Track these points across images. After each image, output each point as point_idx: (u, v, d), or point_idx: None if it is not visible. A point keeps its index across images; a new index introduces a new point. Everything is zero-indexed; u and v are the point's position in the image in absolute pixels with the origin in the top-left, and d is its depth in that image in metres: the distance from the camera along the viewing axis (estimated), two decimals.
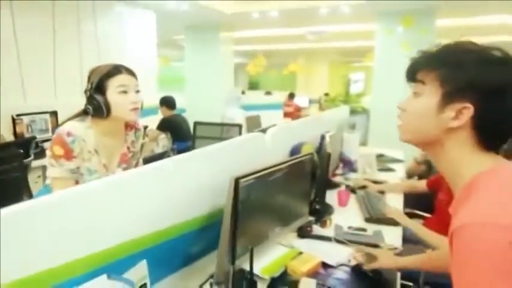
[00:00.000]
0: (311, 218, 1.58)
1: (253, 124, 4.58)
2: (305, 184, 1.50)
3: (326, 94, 10.97)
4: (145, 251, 0.87)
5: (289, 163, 1.31)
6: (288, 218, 1.41)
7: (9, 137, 3.02)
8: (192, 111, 6.42)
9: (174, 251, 1.01)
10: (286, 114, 7.19)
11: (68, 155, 1.23)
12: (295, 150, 1.90)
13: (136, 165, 1.52)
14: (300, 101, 8.45)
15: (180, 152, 3.99)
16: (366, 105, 5.40)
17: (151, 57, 5.15)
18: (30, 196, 2.12)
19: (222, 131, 3.10)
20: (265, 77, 11.55)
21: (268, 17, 5.41)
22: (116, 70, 1.31)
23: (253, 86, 12.47)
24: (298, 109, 7.97)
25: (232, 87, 6.81)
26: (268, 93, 7.70)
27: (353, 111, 5.49)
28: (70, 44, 3.83)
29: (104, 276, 0.72)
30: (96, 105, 1.26)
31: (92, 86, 1.30)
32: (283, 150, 1.85)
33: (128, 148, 1.45)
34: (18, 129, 3.08)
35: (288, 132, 2.00)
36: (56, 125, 3.53)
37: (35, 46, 3.47)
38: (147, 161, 1.41)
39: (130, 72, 1.35)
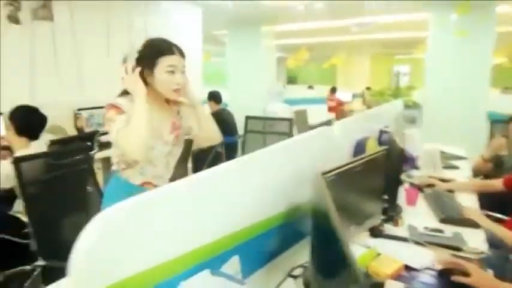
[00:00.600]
0: (382, 217, 1.51)
1: (301, 119, 4.50)
2: (378, 181, 1.42)
3: (368, 88, 10.63)
4: (237, 247, 0.86)
5: (366, 159, 1.25)
6: (363, 216, 1.35)
7: (70, 130, 3.18)
8: (234, 106, 6.46)
9: (261, 246, 0.99)
10: (329, 109, 7.03)
11: (118, 111, 1.28)
12: (359, 145, 1.83)
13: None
14: (342, 95, 8.22)
15: (227, 146, 4.06)
16: (417, 99, 5.13)
17: (196, 52, 5.22)
18: (98, 187, 2.18)
19: (273, 125, 3.06)
20: (304, 71, 11.37)
21: (312, 10, 5.28)
22: (169, 50, 1.34)
23: (291, 80, 12.34)
24: (341, 103, 7.77)
25: (274, 81, 6.76)
26: (310, 87, 7.57)
27: (404, 106, 5.26)
28: (122, 40, 3.95)
29: (207, 271, 0.71)
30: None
31: (141, 57, 1.35)
32: (348, 145, 1.78)
33: (176, 118, 1.46)
34: (78, 124, 3.23)
35: (350, 127, 1.93)
36: None
37: (91, 43, 3.61)
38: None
39: (181, 53, 1.38)
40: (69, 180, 2.05)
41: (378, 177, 1.42)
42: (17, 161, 1.63)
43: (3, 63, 2.90)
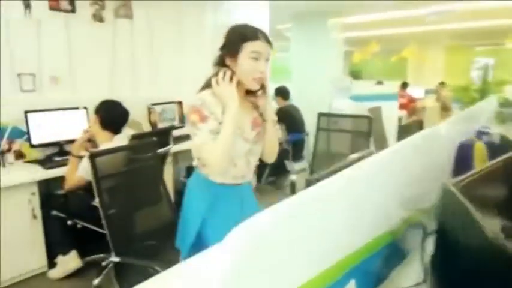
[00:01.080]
0: None
1: (375, 117, 4.21)
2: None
3: (442, 83, 9.74)
4: (354, 268, 0.73)
5: (498, 164, 1.04)
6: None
7: (145, 125, 3.29)
8: (298, 102, 6.30)
9: (374, 267, 0.85)
10: (400, 106, 6.55)
11: (202, 117, 1.24)
12: (463, 149, 1.59)
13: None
14: (414, 91, 7.62)
15: (294, 144, 3.94)
16: (509, 95, 4.54)
17: None
18: (163, 184, 2.18)
19: (348, 123, 2.87)
20: (370, 65, 10.78)
21: None
22: (254, 35, 1.28)
23: (355, 75, 11.81)
24: (412, 100, 7.20)
25: (341, 76, 6.47)
26: (379, 82, 7.13)
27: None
28: (193, 38, 4.00)
29: None
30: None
31: (225, 44, 1.32)
32: (452, 149, 1.55)
33: (258, 113, 1.40)
34: (152, 118, 3.33)
35: (453, 128, 1.68)
36: (182, 113, 3.76)
37: (165, 40, 3.69)
38: None
39: (267, 39, 1.31)
40: (143, 174, 2.09)
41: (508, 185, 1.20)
42: (93, 157, 1.67)
43: (89, 60, 3.08)
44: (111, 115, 2.17)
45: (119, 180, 1.87)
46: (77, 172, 2.11)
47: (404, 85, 7.41)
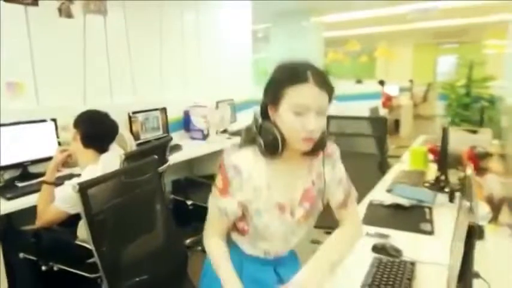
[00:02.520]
0: None
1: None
2: None
3: (410, 81, 9.94)
4: None
5: None
6: None
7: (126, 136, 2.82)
8: None
9: None
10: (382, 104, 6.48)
11: (224, 190, 0.99)
12: None
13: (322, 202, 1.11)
14: (390, 89, 7.62)
15: None
16: (495, 91, 4.53)
17: (246, 48, 4.80)
18: (165, 203, 1.80)
19: (349, 126, 2.60)
20: (339, 65, 10.76)
21: None
22: (299, 76, 0.90)
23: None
24: (389, 98, 7.18)
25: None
26: (359, 81, 7.03)
27: (477, 99, 4.67)
28: (174, 38, 3.59)
29: None
30: (267, 140, 0.94)
31: (266, 88, 0.97)
32: None
33: (313, 182, 1.06)
34: (134, 128, 2.88)
35: None
36: (166, 122, 3.32)
37: (143, 42, 3.25)
38: None
39: (320, 81, 0.90)
40: (142, 199, 1.68)
41: None
42: (84, 189, 1.24)
43: (55, 62, 2.58)
44: (96, 129, 1.71)
45: (113, 211, 1.44)
46: (54, 203, 1.64)
47: (381, 83, 7.39)
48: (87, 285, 1.86)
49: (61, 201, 1.62)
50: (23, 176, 2.28)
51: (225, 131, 3.81)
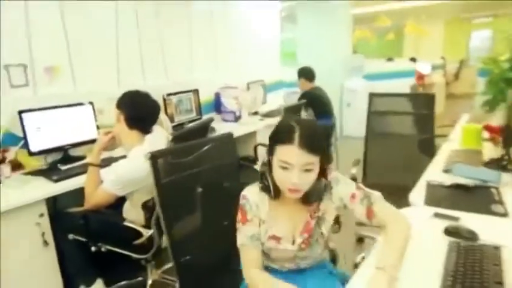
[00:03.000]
0: None
1: None
2: None
3: (442, 58, 9.48)
4: None
5: None
6: None
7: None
8: None
9: None
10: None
11: (244, 218, 1.12)
12: None
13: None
14: (421, 67, 7.28)
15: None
16: None
17: (274, 28, 4.65)
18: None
19: (407, 102, 2.45)
20: (362, 44, 10.36)
21: None
22: (288, 136, 1.00)
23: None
24: (421, 76, 6.86)
25: (351, 55, 6.06)
26: (390, 59, 6.74)
27: None
28: (203, 19, 3.49)
29: None
30: (263, 184, 1.11)
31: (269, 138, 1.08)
32: None
33: (311, 215, 1.14)
34: (168, 110, 2.85)
35: None
36: (198, 104, 3.28)
37: (173, 23, 3.18)
38: None
39: (306, 143, 0.98)
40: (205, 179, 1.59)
41: None
42: (154, 158, 1.20)
43: (89, 46, 2.56)
44: (140, 110, 1.67)
45: (180, 184, 1.37)
46: (102, 186, 1.63)
47: (413, 60, 7.05)
48: (133, 266, 1.87)
49: (110, 183, 1.61)
50: (65, 159, 2.29)
51: (255, 113, 3.74)
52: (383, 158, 2.40)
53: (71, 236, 1.82)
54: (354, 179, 2.19)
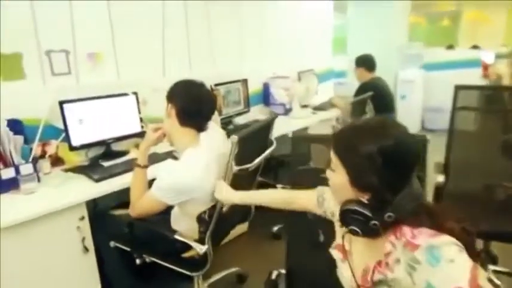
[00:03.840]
0: None
1: None
2: None
3: (504, 46, 8.53)
4: None
5: None
6: None
7: None
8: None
9: None
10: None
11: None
12: None
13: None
14: (483, 55, 6.54)
15: None
16: None
17: (327, 13, 4.24)
18: None
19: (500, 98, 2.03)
20: (412, 29, 9.58)
21: None
22: None
23: None
24: (486, 66, 6.15)
25: (407, 42, 5.52)
26: (450, 46, 6.11)
27: None
28: (251, 5, 3.18)
29: None
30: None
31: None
32: None
33: (380, 262, 0.81)
34: (217, 102, 2.59)
35: None
36: (247, 95, 3.01)
37: (221, 11, 2.89)
38: None
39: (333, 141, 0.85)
40: None
41: None
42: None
43: (133, 33, 2.35)
44: (195, 103, 1.40)
45: None
46: (151, 191, 1.40)
47: (475, 48, 6.34)
48: (177, 276, 1.64)
49: (160, 190, 1.36)
50: (107, 154, 2.11)
51: (305, 106, 3.41)
52: (472, 162, 2.00)
53: (112, 244, 1.62)
54: (439, 189, 1.83)
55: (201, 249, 1.39)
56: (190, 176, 1.34)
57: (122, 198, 1.68)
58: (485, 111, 2.05)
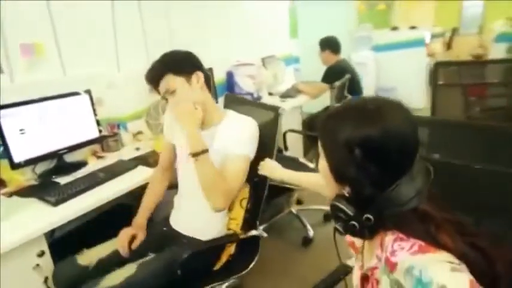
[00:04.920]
0: None
1: None
2: None
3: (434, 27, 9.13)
4: None
5: None
6: None
7: None
8: (309, 60, 5.33)
9: None
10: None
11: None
12: None
13: None
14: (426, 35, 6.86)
15: None
16: None
17: None
18: None
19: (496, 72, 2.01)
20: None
21: None
22: None
23: None
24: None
25: (357, 24, 5.57)
26: (395, 28, 6.27)
27: None
28: None
29: None
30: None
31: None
32: None
33: (367, 278, 0.73)
34: None
35: None
36: (213, 85, 2.72)
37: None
38: None
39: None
40: None
41: None
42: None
43: (78, 22, 1.95)
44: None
45: None
46: (237, 157, 1.26)
47: (413, 29, 6.62)
48: None
49: (245, 145, 1.27)
50: (60, 168, 1.73)
51: (270, 94, 3.23)
52: None
53: None
54: None
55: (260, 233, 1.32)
56: (254, 123, 1.34)
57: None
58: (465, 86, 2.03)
